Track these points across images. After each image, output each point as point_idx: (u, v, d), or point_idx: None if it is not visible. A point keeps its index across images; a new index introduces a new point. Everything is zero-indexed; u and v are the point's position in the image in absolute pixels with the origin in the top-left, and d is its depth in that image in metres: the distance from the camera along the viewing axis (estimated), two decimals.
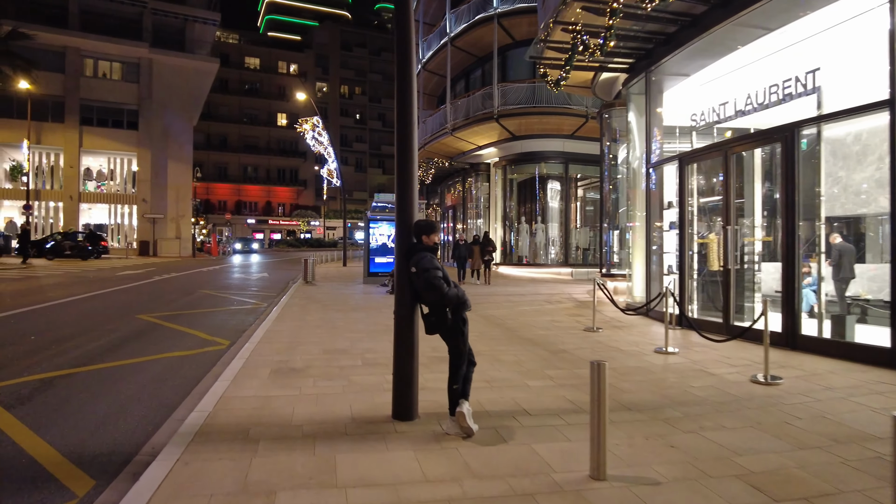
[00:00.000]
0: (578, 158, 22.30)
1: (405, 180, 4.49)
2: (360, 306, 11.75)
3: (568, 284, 18.20)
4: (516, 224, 23.29)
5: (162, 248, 35.01)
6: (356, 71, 77.06)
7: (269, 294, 15.01)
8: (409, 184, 4.51)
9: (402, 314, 4.47)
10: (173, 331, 8.96)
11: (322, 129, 27.60)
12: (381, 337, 8.09)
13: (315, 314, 10.40)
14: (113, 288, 14.96)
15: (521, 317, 10.60)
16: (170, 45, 35.73)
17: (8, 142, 31.91)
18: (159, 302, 12.44)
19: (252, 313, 11.24)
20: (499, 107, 20.74)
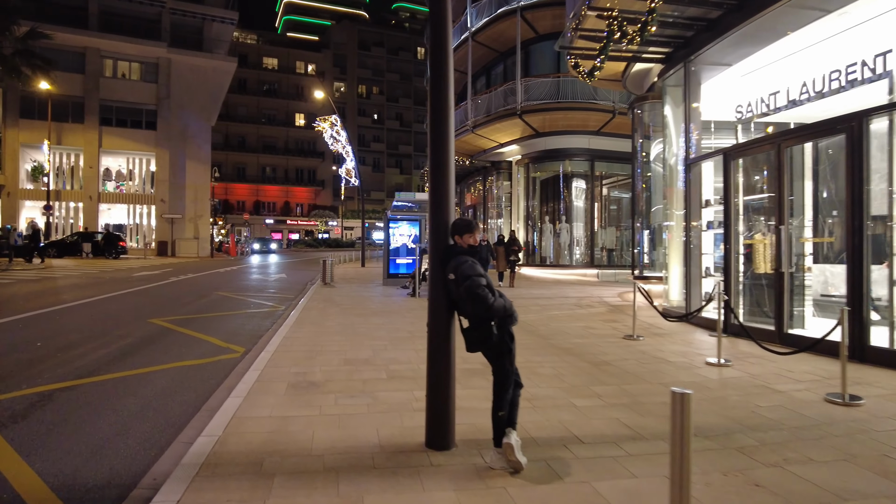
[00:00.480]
0: (605, 155, 21.58)
1: (441, 174, 3.93)
2: (380, 310, 11.23)
3: (595, 286, 17.51)
4: (539, 224, 22.63)
5: (180, 249, 34.93)
6: (373, 70, 76.81)
7: (287, 296, 14.57)
8: (445, 178, 3.95)
9: (437, 328, 3.91)
10: (186, 337, 8.50)
11: (340, 127, 27.20)
12: (404, 345, 7.55)
13: (334, 319, 9.89)
14: (128, 290, 14.64)
15: (552, 322, 9.98)
16: (188, 45, 35.66)
17: (29, 142, 32.05)
18: (174, 305, 12.04)
19: (269, 317, 10.77)
20: (522, 102, 20.12)
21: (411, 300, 12.98)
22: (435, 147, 3.93)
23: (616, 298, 14.09)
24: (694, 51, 9.94)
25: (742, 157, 8.93)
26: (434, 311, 3.91)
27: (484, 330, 3.58)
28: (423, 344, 7.74)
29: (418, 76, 78.71)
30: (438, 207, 3.91)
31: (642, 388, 5.56)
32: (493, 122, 21.36)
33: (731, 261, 8.84)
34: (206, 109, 36.70)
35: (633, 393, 5.33)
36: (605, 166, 22.03)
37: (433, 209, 3.92)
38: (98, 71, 33.77)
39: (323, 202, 71.98)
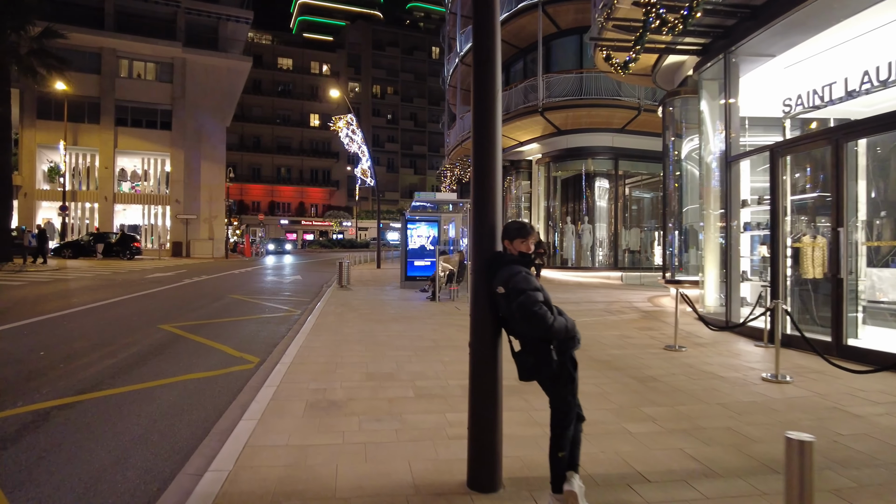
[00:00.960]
0: (629, 154, 20.89)
1: (486, 170, 3.39)
2: (400, 315, 10.72)
3: (621, 290, 16.88)
4: (560, 225, 21.98)
5: (195, 250, 34.75)
6: (388, 70, 76.50)
7: (303, 299, 14.13)
8: (490, 174, 3.41)
9: (481, 351, 3.37)
10: (197, 345, 8.05)
11: (356, 126, 26.76)
12: (429, 356, 7.01)
13: (353, 325, 9.39)
14: (139, 293, 14.28)
15: (585, 331, 9.32)
16: (203, 45, 35.51)
17: (46, 143, 32.06)
18: (185, 309, 11.63)
19: (284, 322, 10.31)
20: (544, 99, 19.50)
21: (431, 305, 12.45)
22: (480, 139, 3.39)
23: (646, 303, 13.45)
24: (735, 41, 9.31)
25: (791, 154, 8.29)
26: (478, 329, 3.36)
27: (541, 354, 3.02)
28: (450, 355, 7.25)
29: (433, 76, 78.29)
30: (483, 208, 3.36)
31: (698, 409, 4.98)
32: (514, 120, 20.76)
33: (780, 265, 8.19)
34: (221, 109, 36.52)
35: (689, 415, 4.75)
36: (629, 165, 21.33)
37: (477, 210, 3.38)
38: (114, 71, 33.71)
39: (337, 203, 71.83)
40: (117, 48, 33.60)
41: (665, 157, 13.82)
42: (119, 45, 33.50)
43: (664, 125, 13.86)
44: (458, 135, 25.41)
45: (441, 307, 12.02)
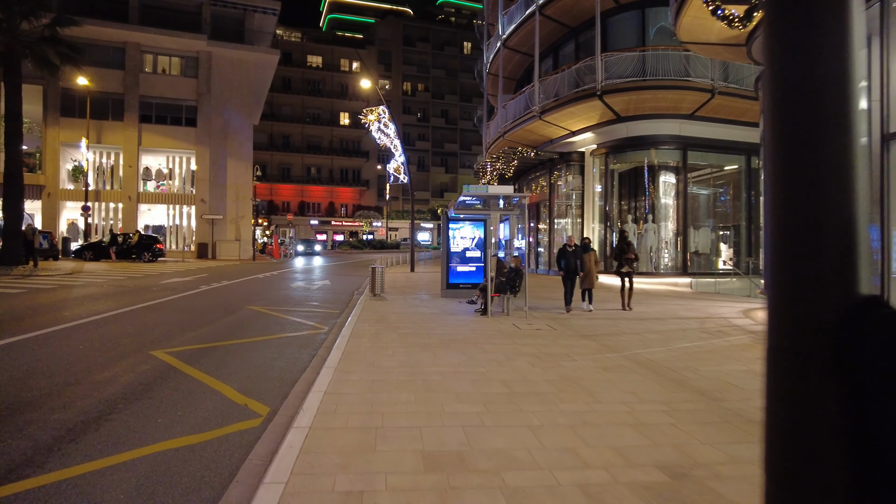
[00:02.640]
0: (699, 144, 18.39)
1: None
2: (450, 337, 8.58)
3: (699, 300, 14.47)
4: (618, 224, 19.55)
5: (221, 251, 33.32)
6: (419, 66, 74.71)
7: (331, 311, 12.14)
8: None
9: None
10: (191, 383, 6.07)
11: (388, 119, 24.77)
12: (509, 415, 4.85)
13: (392, 353, 7.29)
14: (147, 302, 12.48)
15: (695, 363, 7.11)
16: (229, 38, 34.07)
17: (70, 141, 30.98)
18: (192, 326, 9.72)
19: (308, 345, 8.29)
20: (603, 81, 17.14)
21: (483, 322, 10.28)
22: None
23: (745, 320, 11.05)
24: None
25: None
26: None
27: None
28: (538, 412, 4.93)
29: (465, 71, 76.15)
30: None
31: None
32: (566, 106, 18.45)
33: None
34: (248, 105, 35.03)
35: None
36: (698, 156, 18.80)
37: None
38: (138, 66, 32.50)
39: (367, 202, 70.31)
40: (141, 42, 32.37)
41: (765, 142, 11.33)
42: (143, 39, 32.26)
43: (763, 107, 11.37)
44: (500, 125, 23.18)
45: (496, 325, 9.86)
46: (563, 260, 11.70)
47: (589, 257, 11.78)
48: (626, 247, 11.65)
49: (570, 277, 11.66)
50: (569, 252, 11.62)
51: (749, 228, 18.92)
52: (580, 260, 11.60)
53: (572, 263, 11.59)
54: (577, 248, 11.70)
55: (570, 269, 11.60)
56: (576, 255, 11.63)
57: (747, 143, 18.95)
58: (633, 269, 11.68)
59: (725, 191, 20.19)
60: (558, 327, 9.76)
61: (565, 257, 11.67)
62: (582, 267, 11.62)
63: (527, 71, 25.43)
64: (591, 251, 11.89)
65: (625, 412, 5.04)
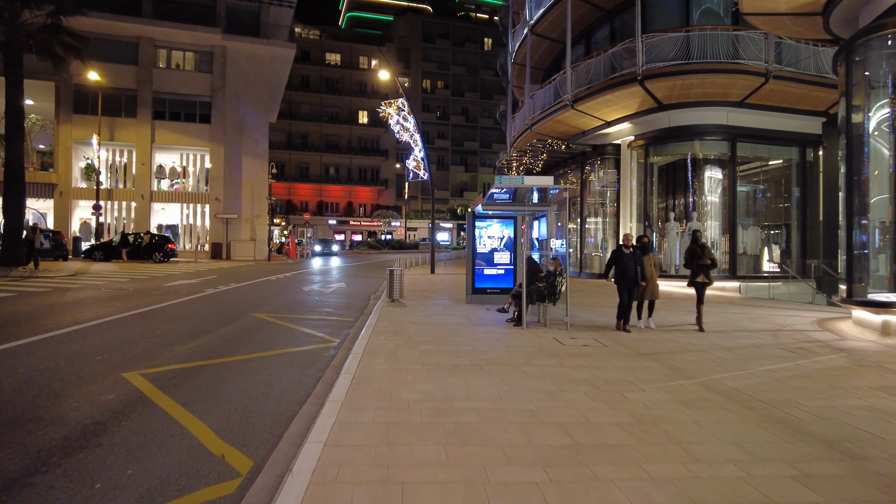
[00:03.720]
0: (749, 134, 16.71)
1: None
2: (482, 355, 7.17)
3: (753, 306, 12.87)
4: (658, 223, 17.94)
5: (235, 251, 32.31)
6: (438, 63, 73.34)
7: (344, 319, 10.82)
8: None
9: None
10: (159, 420, 4.78)
11: (408, 112, 23.45)
12: (580, 483, 3.43)
13: (414, 379, 5.91)
14: (142, 308, 11.28)
15: (791, 393, 5.62)
16: (244, 31, 33.03)
17: (83, 139, 30.19)
18: (184, 337, 8.45)
19: (313, 364, 6.96)
20: (644, 65, 15.56)
21: (518, 334, 8.85)
22: None
23: (824, 332, 9.46)
24: None
25: None
26: None
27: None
28: (618, 473, 2.98)
29: (485, 68, 74.65)
30: None
31: None
32: (601, 94, 16.88)
33: None
34: (264, 101, 33.97)
35: None
36: (748, 148, 17.09)
37: None
38: (151, 61, 31.62)
39: (386, 202, 69.16)
40: (155, 36, 31.47)
41: (846, 127, 9.72)
42: (157, 34, 31.36)
43: (845, 84, 9.74)
44: (528, 117, 21.68)
45: (534, 339, 8.42)
46: (617, 265, 9.26)
47: (649, 261, 9.64)
48: (700, 250, 9.46)
49: (626, 287, 9.27)
50: (625, 255, 9.23)
51: (803, 227, 17.17)
52: (640, 265, 9.29)
53: (631, 269, 9.21)
54: (635, 250, 9.33)
55: (629, 277, 9.21)
56: (634, 258, 9.24)
57: (802, 134, 17.22)
58: (710, 278, 9.60)
59: (775, 186, 18.44)
60: (607, 342, 8.29)
61: (621, 261, 9.23)
62: (643, 275, 9.31)
63: (555, 59, 23.89)
64: (650, 253, 9.76)
65: (740, 479, 3.60)
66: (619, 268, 9.27)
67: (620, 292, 9.31)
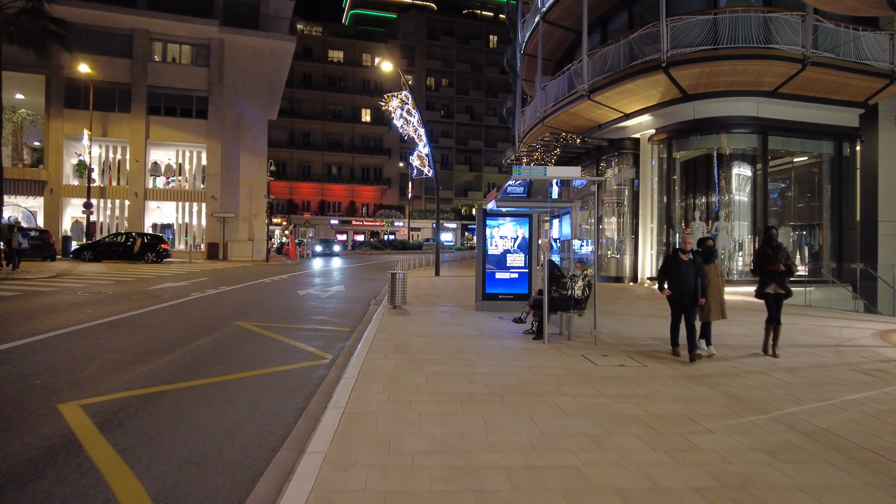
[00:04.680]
0: (780, 126, 15.45)
1: None
2: (502, 379, 5.95)
3: (793, 314, 11.60)
4: (681, 224, 16.66)
5: (233, 251, 31.13)
6: (443, 61, 72.07)
7: (340, 329, 9.61)
8: None
9: None
10: (84, 476, 3.60)
11: (412, 106, 22.25)
12: None
13: (419, 415, 4.70)
14: (113, 317, 10.08)
15: None
16: (242, 24, 31.82)
17: (74, 134, 29.02)
18: (149, 353, 7.25)
19: (297, 390, 5.76)
20: (669, 51, 14.31)
21: (541, 351, 7.62)
22: None
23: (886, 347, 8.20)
24: None
25: None
26: None
27: None
28: None
29: (490, 66, 73.37)
30: None
31: None
32: (621, 83, 15.62)
33: None
34: (263, 97, 32.77)
35: None
36: (779, 142, 15.82)
37: None
38: (146, 54, 30.45)
39: (389, 202, 67.92)
40: (150, 29, 30.30)
41: None
42: (152, 25, 30.19)
43: None
44: (539, 110, 20.46)
45: (560, 357, 7.19)
46: (673, 275, 7.21)
47: (713, 271, 7.43)
48: (774, 253, 7.45)
49: (682, 303, 7.23)
50: (683, 263, 7.12)
51: (838, 228, 15.89)
52: (701, 276, 7.13)
53: (690, 282, 7.08)
54: (695, 257, 7.20)
55: (686, 291, 7.11)
56: (695, 267, 7.11)
57: (837, 127, 15.95)
58: (786, 288, 7.56)
59: (807, 183, 17.16)
60: (645, 361, 7.07)
61: (677, 270, 7.15)
62: (703, 290, 7.13)
63: (568, 50, 22.65)
64: (716, 260, 7.53)
65: None
66: (674, 279, 7.20)
67: (674, 310, 7.39)
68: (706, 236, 8.07)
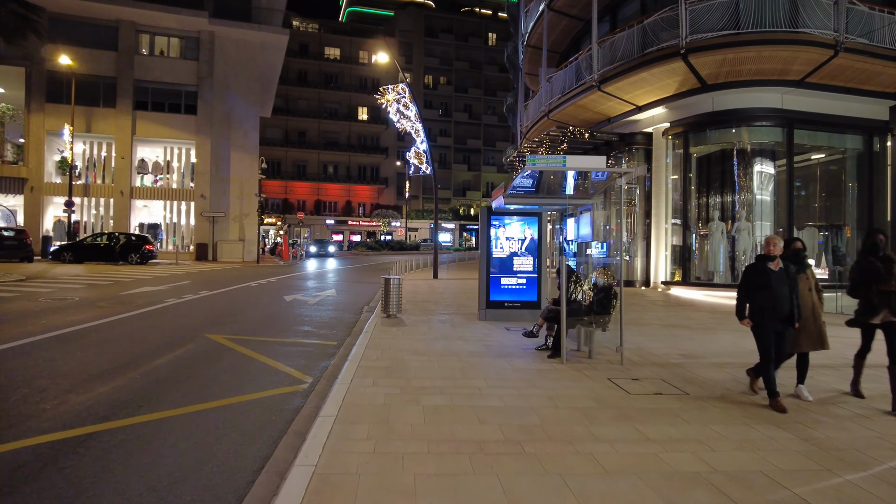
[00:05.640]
0: (806, 119, 14.33)
1: None
2: (517, 418, 4.78)
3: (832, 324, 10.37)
4: (698, 224, 15.51)
5: (222, 252, 29.91)
6: (441, 59, 70.89)
7: (326, 342, 8.45)
8: None
9: None
10: None
11: (409, 99, 21.09)
12: None
13: (416, 478, 3.52)
14: (69, 328, 8.90)
15: None
16: (233, 16, 30.55)
17: (56, 130, 27.69)
18: (94, 377, 6.08)
19: (262, 431, 4.59)
20: (688, 36, 13.17)
21: (559, 372, 6.46)
22: None
23: None
24: None
25: None
26: None
27: None
28: None
29: (489, 64, 72.24)
30: None
31: None
32: (634, 72, 14.46)
33: None
34: (255, 92, 31.57)
35: None
36: (804, 136, 14.69)
37: None
38: (132, 47, 29.21)
39: (386, 201, 66.69)
40: (136, 20, 29.07)
41: None
42: (138, 17, 28.96)
43: None
44: (544, 103, 19.31)
45: (582, 379, 6.04)
46: (760, 291, 5.29)
47: (806, 284, 5.66)
48: (888, 268, 5.29)
49: (774, 329, 5.31)
50: (773, 274, 5.26)
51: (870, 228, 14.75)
52: (795, 291, 5.32)
53: (785, 299, 5.24)
54: (787, 266, 5.35)
55: (781, 312, 5.25)
56: (789, 279, 5.29)
57: (865, 120, 14.84)
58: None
59: (832, 181, 16.04)
60: (683, 384, 5.92)
61: (767, 284, 5.24)
62: (798, 313, 5.33)
63: (574, 40, 21.51)
64: (809, 269, 5.79)
65: None
66: (762, 298, 5.26)
67: (761, 336, 5.34)
68: (794, 237, 6.19)
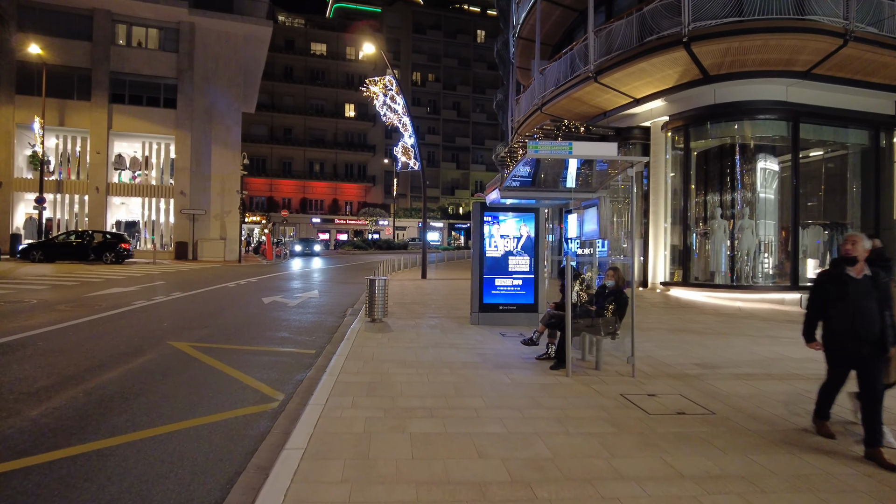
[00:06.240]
0: (812, 112, 13.72)
1: None
2: (523, 448, 4.01)
3: None
4: (699, 222, 14.86)
5: (203, 251, 28.86)
6: (429, 55, 70.01)
7: (303, 350, 7.63)
8: None
9: None
10: None
11: (396, 92, 20.27)
12: None
13: None
14: (17, 335, 8.01)
15: None
16: (215, 6, 29.54)
17: (27, 123, 26.50)
18: (30, 395, 5.24)
19: (223, 458, 3.77)
20: (691, 24, 12.48)
21: (565, 386, 5.71)
22: None
23: None
24: None
25: None
26: None
27: None
28: None
29: (478, 61, 71.55)
30: None
31: None
32: (633, 62, 13.75)
33: None
34: (237, 86, 30.54)
35: None
36: (809, 130, 14.10)
37: None
38: (108, 37, 28.08)
39: (373, 200, 65.69)
40: (112, 9, 27.94)
41: None
42: (114, 6, 27.83)
43: None
44: (537, 96, 18.57)
45: (592, 395, 5.28)
46: (836, 307, 4.11)
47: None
48: None
49: (854, 353, 4.06)
50: (855, 282, 4.06)
51: (875, 227, 14.21)
52: (889, 306, 3.99)
53: (872, 316, 3.97)
54: (876, 272, 4.05)
55: (869, 334, 3.96)
56: (878, 291, 4.02)
57: (871, 114, 14.30)
58: None
59: (836, 177, 15.47)
60: (705, 399, 5.20)
61: (844, 296, 4.06)
62: (893, 334, 3.97)
63: (567, 32, 20.82)
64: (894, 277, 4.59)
65: None
66: (839, 314, 4.09)
67: (837, 366, 4.26)
68: (872, 236, 4.66)
